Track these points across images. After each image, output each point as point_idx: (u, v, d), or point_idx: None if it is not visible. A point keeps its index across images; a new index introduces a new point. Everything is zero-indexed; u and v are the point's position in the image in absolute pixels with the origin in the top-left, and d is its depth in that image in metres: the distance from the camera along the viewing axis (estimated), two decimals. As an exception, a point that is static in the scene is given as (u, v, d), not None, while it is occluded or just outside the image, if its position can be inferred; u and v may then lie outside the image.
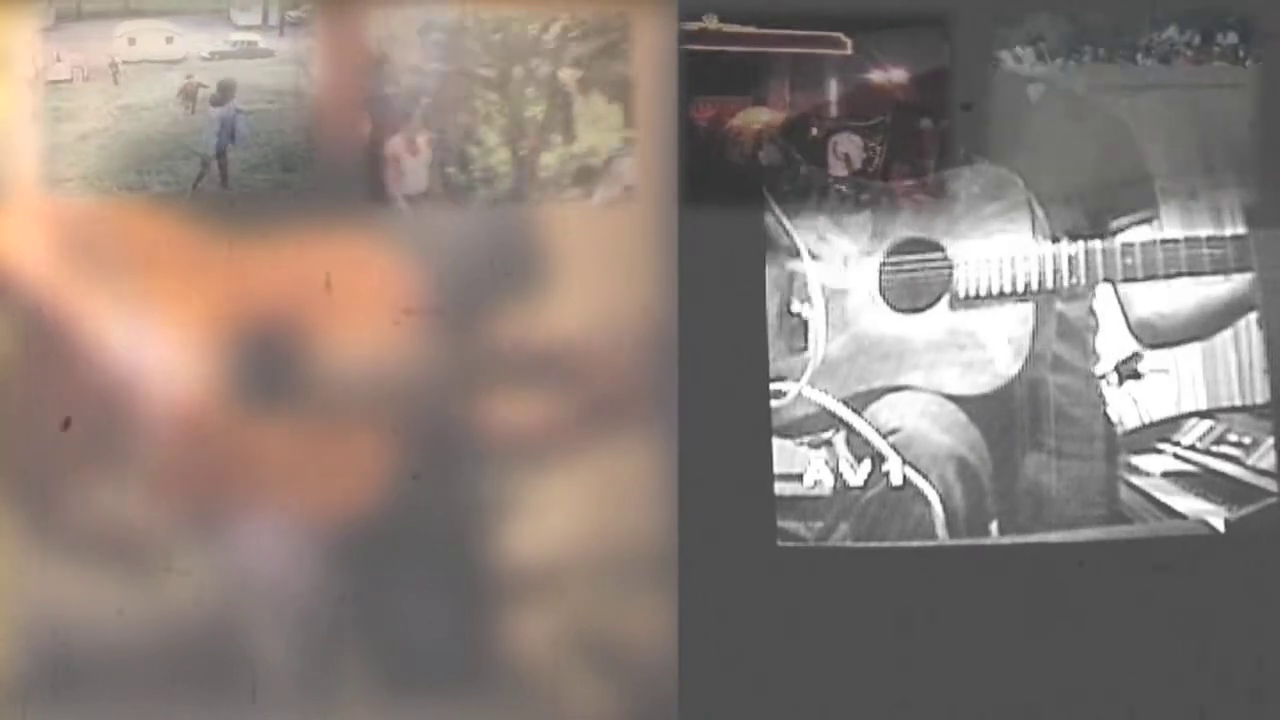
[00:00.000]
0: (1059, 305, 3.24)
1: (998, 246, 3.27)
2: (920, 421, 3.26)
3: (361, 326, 3.20)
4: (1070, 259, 3.23)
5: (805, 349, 3.31)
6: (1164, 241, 3.22)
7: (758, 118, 3.31)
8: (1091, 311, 3.23)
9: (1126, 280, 3.22)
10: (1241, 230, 3.20)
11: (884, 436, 3.26)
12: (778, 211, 3.32)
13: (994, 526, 3.22)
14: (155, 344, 3.17)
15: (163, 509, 3.17)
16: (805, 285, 3.32)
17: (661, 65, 3.26)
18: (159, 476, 3.17)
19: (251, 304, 3.19)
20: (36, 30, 3.25)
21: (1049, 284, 3.24)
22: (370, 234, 3.22)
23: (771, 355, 3.30)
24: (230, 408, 3.18)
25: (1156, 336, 3.21)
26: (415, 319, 3.20)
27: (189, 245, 3.19)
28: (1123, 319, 3.22)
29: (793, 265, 3.32)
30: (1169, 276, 3.21)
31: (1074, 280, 3.23)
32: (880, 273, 3.31)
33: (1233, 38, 3.24)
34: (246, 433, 3.18)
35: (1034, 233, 3.26)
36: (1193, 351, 3.20)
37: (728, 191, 3.30)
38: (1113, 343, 3.22)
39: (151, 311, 3.18)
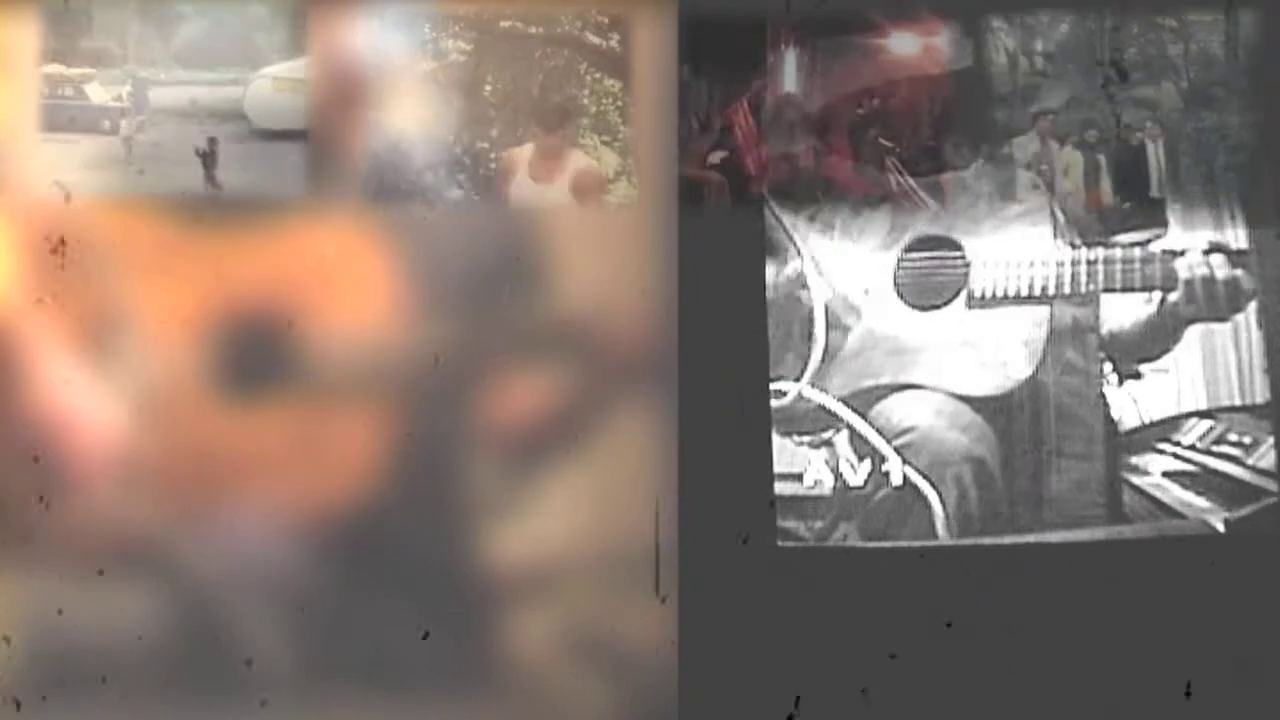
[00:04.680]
0: (1070, 308, 3.24)
1: (1016, 248, 3.26)
2: (921, 421, 3.26)
3: (358, 325, 3.20)
4: (1089, 264, 3.23)
5: (806, 348, 3.31)
6: (1171, 253, 3.22)
7: (763, 114, 3.31)
8: (1096, 313, 3.23)
9: (1143, 288, 3.22)
10: (1244, 245, 3.21)
11: (884, 436, 3.26)
12: (777, 210, 3.31)
13: (994, 526, 3.22)
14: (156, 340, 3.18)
15: (159, 506, 3.17)
16: (806, 284, 3.32)
17: (662, 63, 3.26)
18: (159, 473, 3.17)
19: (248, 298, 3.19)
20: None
21: (1066, 288, 3.24)
22: (369, 232, 3.23)
23: (771, 354, 3.29)
24: (221, 403, 3.18)
25: (1160, 340, 3.22)
26: (413, 318, 3.20)
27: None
28: (1125, 322, 3.23)
29: (793, 263, 3.32)
30: (1181, 287, 3.21)
31: (1090, 286, 3.23)
32: (896, 269, 3.31)
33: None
34: (238, 430, 3.17)
35: (1055, 236, 3.26)
36: (1193, 351, 3.20)
37: (728, 190, 3.30)
38: (1119, 345, 3.23)
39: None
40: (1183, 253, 3.22)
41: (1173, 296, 3.22)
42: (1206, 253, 3.22)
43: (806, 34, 3.29)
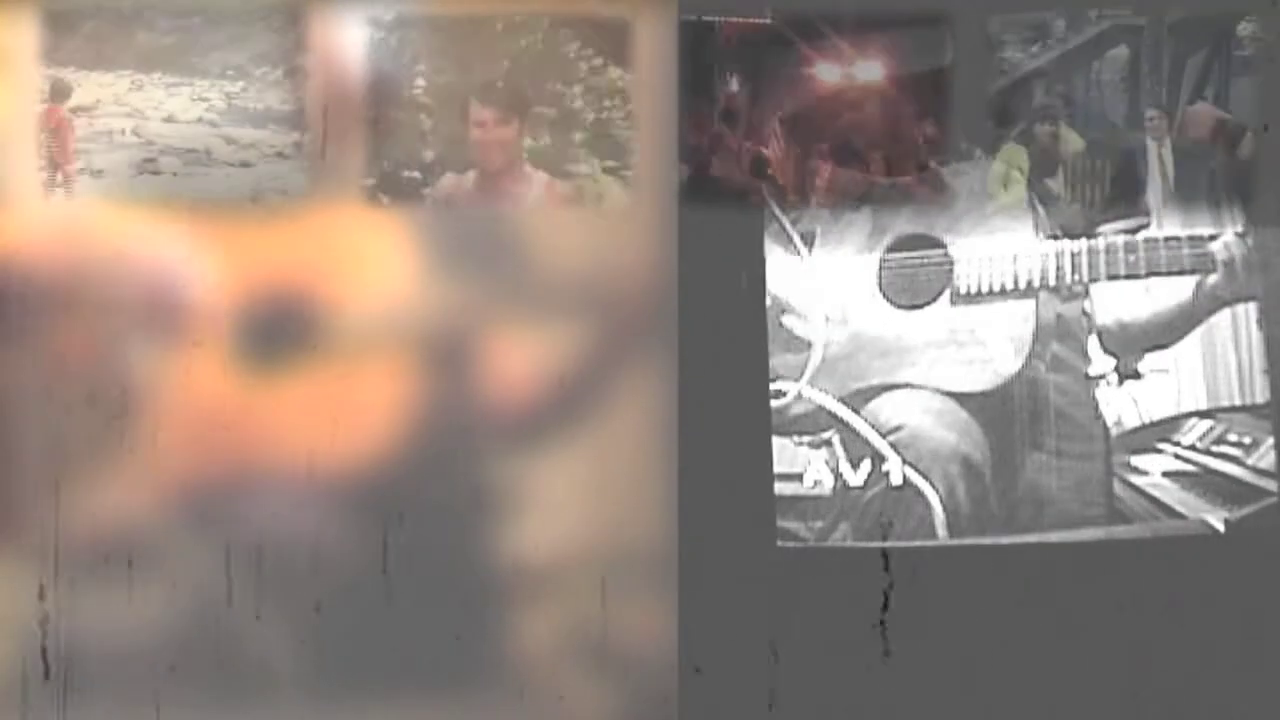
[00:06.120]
0: (1058, 304, 3.24)
1: (999, 243, 3.27)
2: (921, 420, 3.26)
3: (360, 318, 3.21)
4: (1073, 255, 3.23)
5: (805, 348, 3.31)
6: (1165, 240, 3.22)
7: (759, 115, 3.31)
8: (1090, 310, 3.23)
9: (1128, 277, 3.22)
10: (1240, 228, 3.20)
11: (884, 436, 3.26)
12: (777, 210, 3.31)
13: (994, 526, 3.22)
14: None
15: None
16: (805, 284, 3.32)
17: (662, 64, 3.26)
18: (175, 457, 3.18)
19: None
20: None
21: (1051, 281, 3.24)
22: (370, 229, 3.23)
23: (771, 355, 3.30)
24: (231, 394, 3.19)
25: (1152, 334, 3.22)
26: (412, 314, 3.21)
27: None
28: (1119, 318, 3.23)
29: (792, 264, 3.32)
30: (1167, 274, 3.21)
31: (1075, 278, 3.23)
32: (880, 269, 3.31)
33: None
34: (238, 431, 3.19)
35: (1035, 230, 3.26)
36: (1193, 351, 3.20)
37: (728, 191, 3.30)
38: (1111, 342, 3.22)
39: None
40: (1170, 241, 3.22)
41: (1162, 286, 3.21)
42: (1195, 242, 3.21)
43: (795, 38, 3.30)
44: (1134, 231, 3.23)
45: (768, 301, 3.31)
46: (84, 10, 3.22)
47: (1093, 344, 3.23)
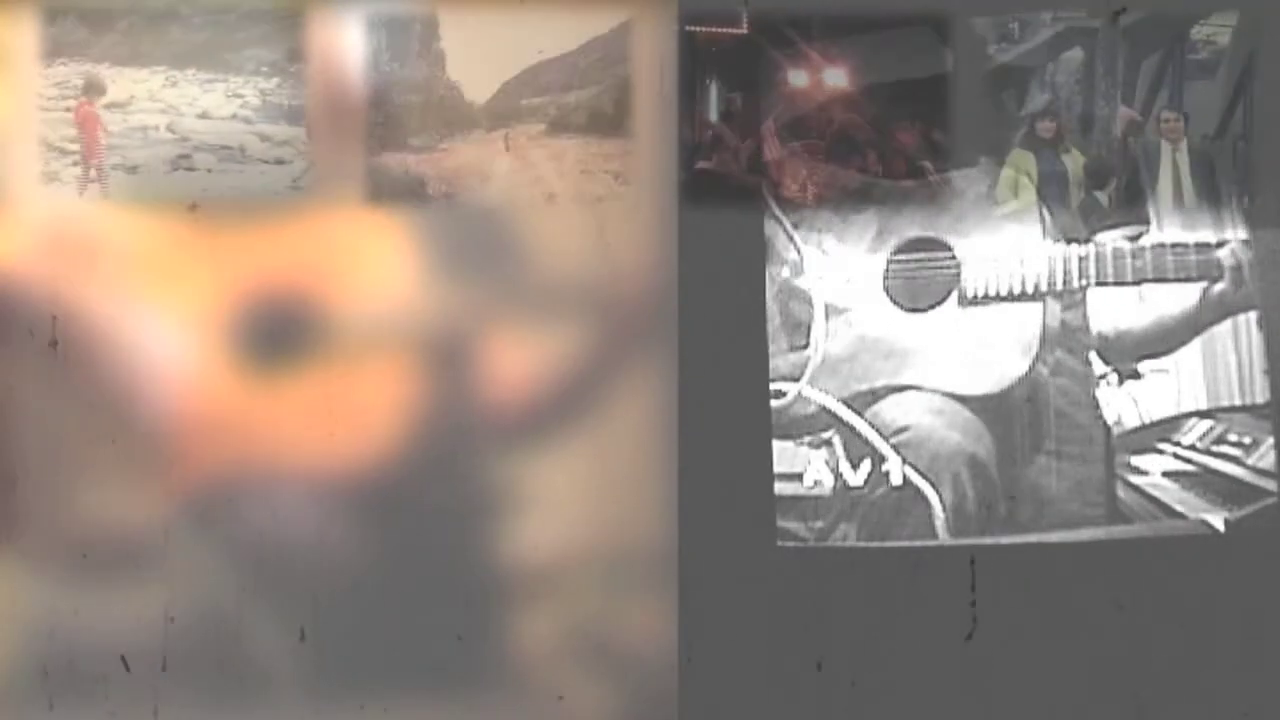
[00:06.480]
0: (1063, 307, 3.24)
1: (1007, 247, 3.27)
2: (922, 420, 3.25)
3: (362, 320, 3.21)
4: (1080, 260, 3.23)
5: (806, 348, 3.31)
6: (1170, 245, 3.22)
7: (759, 116, 3.31)
8: (1094, 314, 3.23)
9: (1136, 282, 3.22)
10: (1243, 234, 3.21)
11: (884, 436, 3.26)
12: (777, 211, 3.31)
13: (994, 526, 3.22)
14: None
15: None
16: (806, 284, 3.32)
17: (662, 65, 3.26)
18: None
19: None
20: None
21: (1058, 285, 3.24)
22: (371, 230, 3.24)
23: (771, 355, 3.30)
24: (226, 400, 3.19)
25: (1154, 338, 3.22)
26: (413, 315, 3.21)
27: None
28: (1120, 320, 3.23)
29: (793, 264, 3.32)
30: (1175, 281, 3.21)
31: (1082, 281, 3.23)
32: (886, 271, 3.31)
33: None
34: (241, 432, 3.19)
35: (1043, 234, 3.26)
36: (1193, 351, 3.20)
37: (727, 191, 3.30)
38: (1113, 344, 3.22)
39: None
40: (1177, 248, 3.22)
41: (1166, 291, 3.21)
42: (1199, 248, 3.22)
43: (799, 41, 3.30)
44: (1136, 237, 3.23)
45: (768, 302, 3.31)
46: (118, 7, 3.23)
47: (1097, 347, 3.23)
